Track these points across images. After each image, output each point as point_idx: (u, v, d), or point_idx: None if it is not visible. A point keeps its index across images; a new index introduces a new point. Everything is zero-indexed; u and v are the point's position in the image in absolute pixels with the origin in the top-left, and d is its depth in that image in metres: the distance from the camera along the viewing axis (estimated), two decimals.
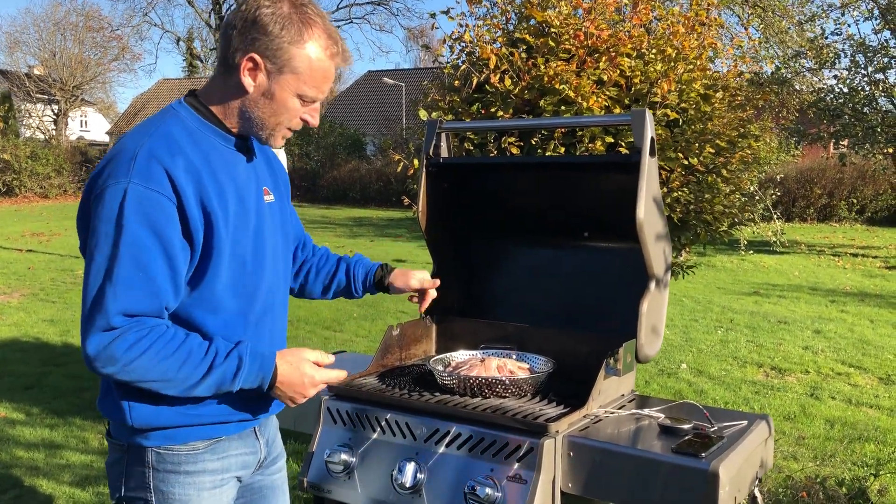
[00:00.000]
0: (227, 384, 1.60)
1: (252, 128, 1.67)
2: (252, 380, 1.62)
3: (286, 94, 1.62)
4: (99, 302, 1.51)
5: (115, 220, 1.50)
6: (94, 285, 1.52)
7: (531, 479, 1.79)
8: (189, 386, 1.57)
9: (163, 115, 1.66)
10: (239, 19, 1.60)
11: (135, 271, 1.51)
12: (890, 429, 4.87)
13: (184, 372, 1.55)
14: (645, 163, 2.08)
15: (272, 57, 1.59)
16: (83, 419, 4.94)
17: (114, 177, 1.52)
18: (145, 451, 1.66)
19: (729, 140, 3.45)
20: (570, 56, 3.42)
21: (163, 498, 1.67)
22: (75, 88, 35.05)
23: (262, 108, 1.64)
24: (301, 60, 1.60)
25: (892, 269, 12.20)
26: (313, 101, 1.67)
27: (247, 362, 1.61)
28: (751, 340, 7.25)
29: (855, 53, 13.29)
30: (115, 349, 1.50)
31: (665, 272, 2.23)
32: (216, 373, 1.58)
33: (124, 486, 1.69)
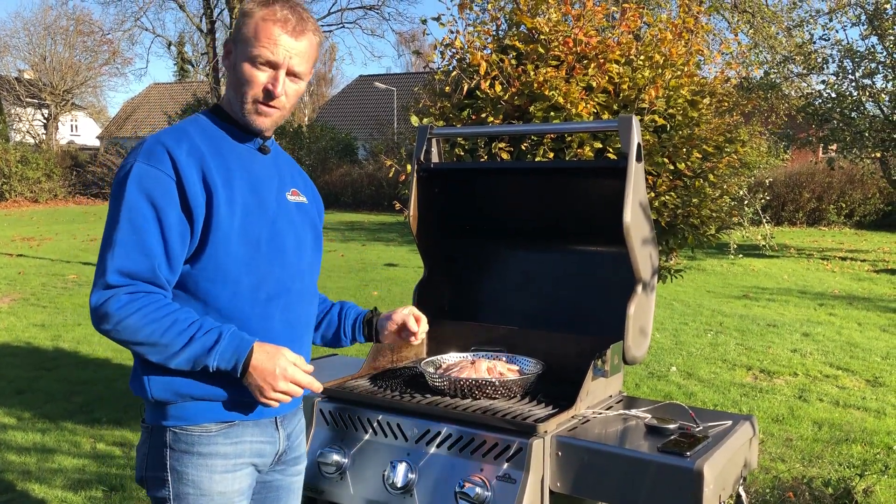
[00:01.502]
0: (202, 357, 1.67)
1: (235, 108, 1.82)
2: (227, 358, 1.68)
3: (241, 61, 1.78)
4: (101, 263, 1.68)
5: (119, 193, 1.69)
6: (101, 250, 1.69)
7: (520, 478, 1.83)
8: (170, 354, 1.67)
9: (183, 120, 1.86)
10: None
11: (130, 233, 1.67)
12: (876, 430, 4.93)
13: (167, 337, 1.66)
14: (632, 168, 2.12)
15: (234, 37, 1.81)
16: (75, 423, 4.94)
17: (126, 162, 1.73)
18: (164, 431, 1.76)
19: (716, 145, 3.50)
20: (559, 62, 3.46)
21: (177, 477, 1.76)
22: (66, 93, 34.98)
23: (232, 86, 1.81)
24: (249, 27, 1.77)
25: (880, 272, 12.31)
26: (267, 62, 1.77)
27: (225, 339, 1.68)
28: (740, 343, 7.31)
29: (843, 59, 13.42)
30: (110, 306, 1.64)
31: (652, 275, 2.27)
32: (195, 344, 1.67)
33: (147, 466, 1.80)
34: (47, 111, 34.66)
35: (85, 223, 20.03)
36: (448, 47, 3.75)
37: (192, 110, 32.00)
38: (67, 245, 15.16)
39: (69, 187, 28.96)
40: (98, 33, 35.76)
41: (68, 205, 27.41)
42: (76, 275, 11.34)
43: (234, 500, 1.79)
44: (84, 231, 17.79)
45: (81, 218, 21.71)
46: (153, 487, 1.79)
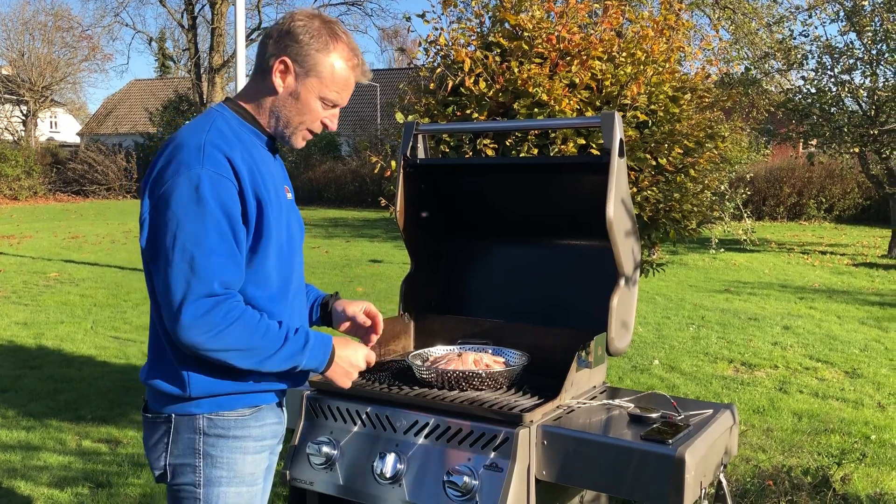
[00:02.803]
0: (296, 357, 1.78)
1: (279, 126, 1.87)
2: (318, 355, 1.82)
3: (310, 95, 1.83)
4: (196, 272, 1.66)
5: (195, 201, 1.67)
6: (183, 259, 1.67)
7: (507, 467, 1.87)
8: (266, 357, 1.74)
9: (209, 116, 1.84)
10: (275, 30, 1.84)
11: (221, 242, 1.69)
12: (854, 420, 5.02)
13: (265, 342, 1.73)
14: (614, 163, 2.17)
15: (301, 61, 1.81)
16: (60, 421, 4.93)
17: (185, 166, 1.69)
18: (195, 418, 1.79)
19: (697, 141, 3.55)
20: (543, 59, 3.50)
21: (211, 462, 1.80)
22: (45, 89, 34.61)
23: (288, 108, 1.84)
24: (325, 67, 1.82)
25: (859, 266, 12.48)
26: (333, 105, 1.87)
27: (311, 338, 1.81)
28: (722, 337, 7.40)
29: (822, 55, 13.54)
30: (215, 315, 1.67)
31: (634, 269, 2.31)
32: (289, 345, 1.76)
33: (169, 455, 1.81)
34: (26, 108, 34.27)
35: (66, 220, 19.87)
36: (432, 44, 3.78)
37: (173, 107, 31.81)
38: (48, 243, 15.04)
39: (49, 184, 28.68)
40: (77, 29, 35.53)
41: (49, 202, 27.17)
42: (58, 272, 11.26)
43: (258, 480, 1.88)
44: (65, 228, 17.65)
45: (62, 215, 21.53)
46: (179, 475, 1.81)
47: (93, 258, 12.87)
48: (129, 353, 6.64)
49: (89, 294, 9.56)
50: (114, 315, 8.32)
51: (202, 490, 1.80)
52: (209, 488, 1.80)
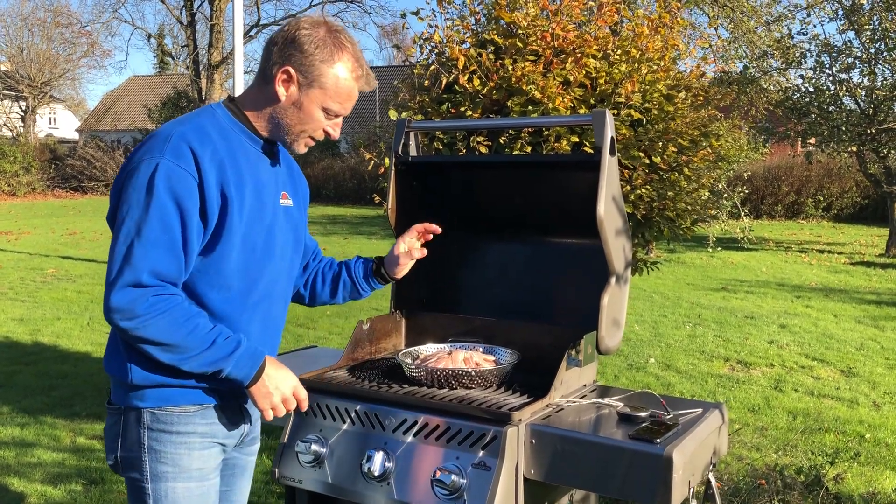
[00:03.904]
0: (219, 363, 1.74)
1: (279, 132, 1.87)
2: (243, 367, 1.77)
3: (313, 106, 1.83)
4: (129, 258, 1.67)
5: (146, 189, 1.68)
6: (123, 243, 1.68)
7: (495, 465, 1.86)
8: (188, 356, 1.72)
9: (199, 111, 1.85)
10: (280, 37, 1.82)
11: (162, 233, 1.68)
12: (849, 419, 5.02)
13: (189, 341, 1.71)
14: (605, 161, 2.16)
15: (304, 71, 1.80)
16: (54, 417, 4.93)
17: (149, 153, 1.71)
18: (141, 412, 1.80)
19: (691, 139, 3.54)
20: (537, 57, 3.49)
21: (156, 456, 1.80)
22: (43, 85, 34.55)
23: (290, 116, 1.84)
24: (329, 78, 1.81)
25: (856, 264, 12.48)
26: (336, 115, 1.87)
27: (242, 348, 1.76)
28: (718, 335, 7.40)
29: (820, 53, 13.53)
30: (138, 305, 1.66)
31: (625, 267, 2.31)
32: (214, 350, 1.73)
33: (120, 447, 1.83)
34: (25, 104, 34.22)
35: (64, 217, 19.86)
36: (427, 41, 3.77)
37: (172, 103, 31.75)
38: (46, 239, 15.03)
39: (48, 181, 28.65)
40: (76, 25, 35.43)
41: (47, 198, 27.14)
42: (55, 269, 11.25)
43: (208, 476, 1.87)
44: (63, 225, 17.64)
45: (60, 212, 21.51)
46: (128, 468, 1.83)
47: (90, 254, 12.85)
48: None
49: (86, 290, 9.55)
50: None
51: (150, 485, 1.81)
52: (157, 483, 1.81)
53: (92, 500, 3.78)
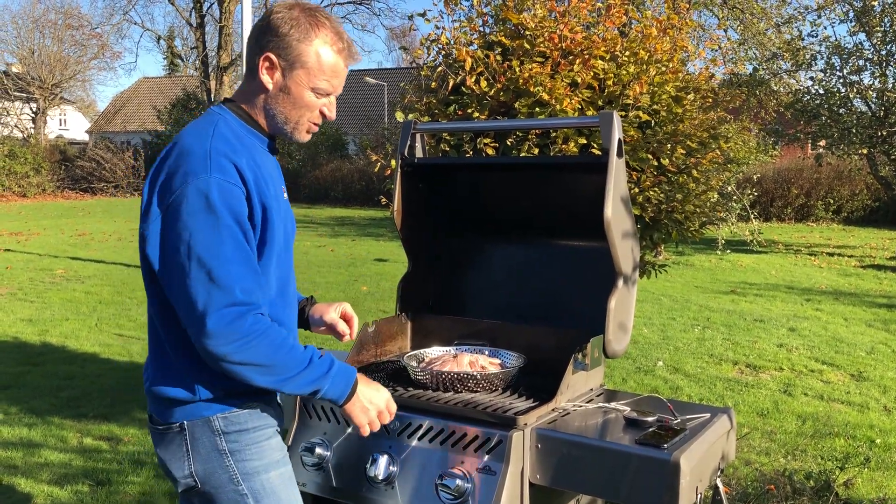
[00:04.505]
0: (319, 381, 1.72)
1: (277, 124, 1.83)
2: (339, 385, 1.75)
3: (301, 88, 1.78)
4: (215, 282, 1.61)
5: (206, 210, 1.63)
6: (201, 269, 1.62)
7: (500, 470, 1.85)
8: (288, 377, 1.69)
9: (211, 119, 1.79)
10: (257, 27, 1.80)
11: (236, 250, 1.64)
12: (859, 424, 4.98)
13: (288, 361, 1.68)
14: (612, 163, 2.14)
15: (283, 54, 1.76)
16: (62, 418, 4.94)
17: (193, 175, 1.65)
18: (210, 420, 1.76)
19: (700, 141, 3.52)
20: (544, 58, 3.48)
21: (240, 456, 1.77)
22: (54, 87, 34.76)
23: (282, 104, 1.80)
24: (309, 56, 1.76)
25: (866, 267, 12.40)
26: (327, 94, 1.82)
27: (335, 366, 1.75)
28: (727, 338, 7.36)
29: (830, 55, 13.47)
30: (239, 326, 1.61)
31: (633, 270, 2.29)
32: (312, 369, 1.71)
33: (193, 462, 1.77)
34: (35, 105, 34.42)
35: (73, 218, 19.94)
36: (434, 43, 3.76)
37: (181, 105, 31.87)
38: (56, 240, 15.09)
39: (58, 182, 28.80)
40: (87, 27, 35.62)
41: (57, 199, 27.27)
42: (64, 269, 11.30)
43: (288, 460, 1.87)
44: (72, 226, 17.71)
45: (70, 213, 21.60)
46: (210, 478, 1.77)
47: (99, 255, 12.90)
48: (133, 351, 6.65)
49: (95, 291, 9.58)
50: (118, 312, 8.34)
51: (244, 485, 1.76)
52: (250, 481, 1.77)
53: (99, 500, 3.78)
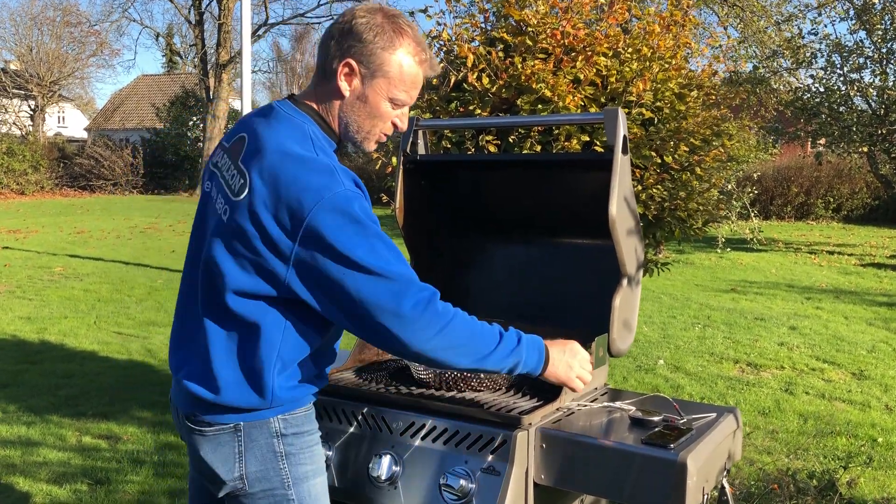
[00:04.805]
0: (515, 354, 1.75)
1: (349, 132, 1.79)
2: (535, 355, 1.79)
3: (379, 97, 1.74)
4: (397, 279, 1.60)
5: (355, 221, 1.60)
6: (380, 270, 1.59)
7: (505, 470, 1.83)
8: (486, 354, 1.70)
9: (297, 127, 1.72)
10: (336, 29, 1.75)
11: (393, 250, 1.63)
12: (861, 423, 4.96)
13: (484, 337, 1.70)
14: (617, 160, 2.12)
15: (366, 62, 1.72)
16: (60, 416, 4.91)
17: (329, 188, 1.60)
18: (269, 422, 1.72)
19: (703, 138, 3.50)
20: (547, 55, 3.45)
21: (295, 460, 1.75)
22: (52, 84, 34.67)
23: (357, 112, 1.76)
24: (392, 65, 1.73)
25: (866, 266, 12.39)
26: (403, 104, 1.79)
27: (524, 336, 1.78)
28: (727, 337, 7.34)
29: (831, 53, 13.45)
30: (435, 308, 1.63)
31: (637, 269, 2.27)
32: (505, 342, 1.73)
33: (246, 464, 1.72)
34: (34, 102, 34.34)
35: (72, 215, 19.90)
36: (435, 39, 3.73)
37: (180, 102, 31.81)
38: (54, 237, 15.06)
39: (56, 179, 28.74)
40: (85, 24, 35.52)
41: (55, 197, 27.22)
42: (63, 267, 11.27)
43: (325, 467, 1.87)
44: (71, 223, 17.68)
45: (68, 210, 21.57)
46: (260, 482, 1.73)
47: (98, 253, 12.87)
48: (132, 349, 6.63)
49: (93, 289, 9.55)
50: (117, 310, 8.31)
51: (293, 490, 1.74)
52: (299, 486, 1.74)
53: (97, 499, 3.76)
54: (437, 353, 1.65)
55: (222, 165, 1.76)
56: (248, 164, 1.66)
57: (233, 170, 1.70)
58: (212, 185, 1.78)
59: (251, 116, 1.80)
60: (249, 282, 1.65)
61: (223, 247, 1.66)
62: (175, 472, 4.06)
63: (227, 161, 1.75)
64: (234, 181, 1.68)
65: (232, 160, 1.72)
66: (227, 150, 1.78)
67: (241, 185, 1.65)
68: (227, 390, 1.69)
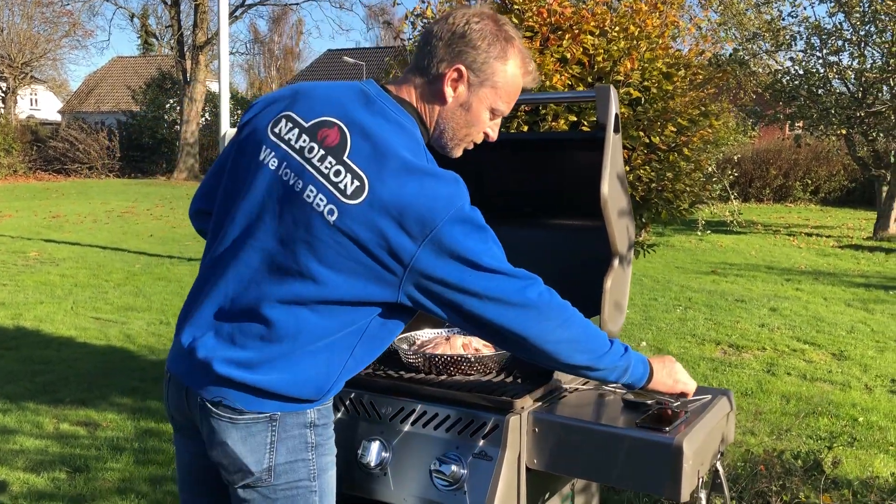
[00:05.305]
0: (624, 358, 1.73)
1: (442, 138, 1.74)
2: (638, 362, 1.77)
3: (482, 106, 1.70)
4: (515, 275, 1.60)
5: (480, 226, 1.59)
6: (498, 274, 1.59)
7: (497, 455, 1.79)
8: (602, 354, 1.69)
9: (412, 131, 1.65)
10: (447, 31, 1.66)
11: (502, 251, 1.64)
12: (842, 403, 5.00)
13: (597, 336, 1.70)
14: (609, 139, 2.08)
15: (478, 70, 1.66)
16: (37, 403, 4.83)
17: (459, 196, 1.57)
18: (307, 412, 1.66)
19: (690, 119, 3.47)
20: (533, 34, 3.40)
21: (321, 451, 1.70)
22: (24, 66, 34.01)
23: (456, 119, 1.71)
24: (502, 76, 1.68)
25: (844, 248, 12.51)
26: (501, 115, 1.75)
27: (628, 347, 1.76)
28: (709, 319, 7.38)
29: (810, 36, 13.49)
30: (554, 299, 1.64)
31: (628, 249, 2.24)
32: (616, 346, 1.71)
33: (276, 455, 1.63)
34: (5, 84, 33.69)
35: (47, 199, 19.59)
36: (419, 17, 3.66)
37: (156, 85, 31.34)
38: (28, 222, 14.81)
39: (30, 163, 28.26)
40: (57, 4, 34.79)
41: (29, 181, 26.77)
42: (38, 252, 11.08)
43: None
44: (46, 208, 17.40)
45: (43, 194, 21.22)
46: (288, 473, 1.64)
47: (74, 238, 12.68)
48: (110, 335, 6.53)
49: (70, 274, 9.41)
50: (95, 295, 8.19)
51: (317, 481, 1.67)
52: (322, 477, 1.69)
53: (76, 487, 3.70)
54: (558, 345, 1.64)
55: (302, 147, 1.61)
56: (365, 167, 1.55)
57: (334, 164, 1.56)
58: (280, 163, 1.62)
59: (339, 97, 1.67)
60: (351, 284, 1.56)
61: (325, 245, 1.55)
62: (156, 459, 4.00)
63: (312, 145, 1.60)
64: (340, 179, 1.55)
65: (328, 151, 1.58)
66: (305, 129, 1.62)
67: (357, 188, 1.53)
68: (281, 377, 1.60)
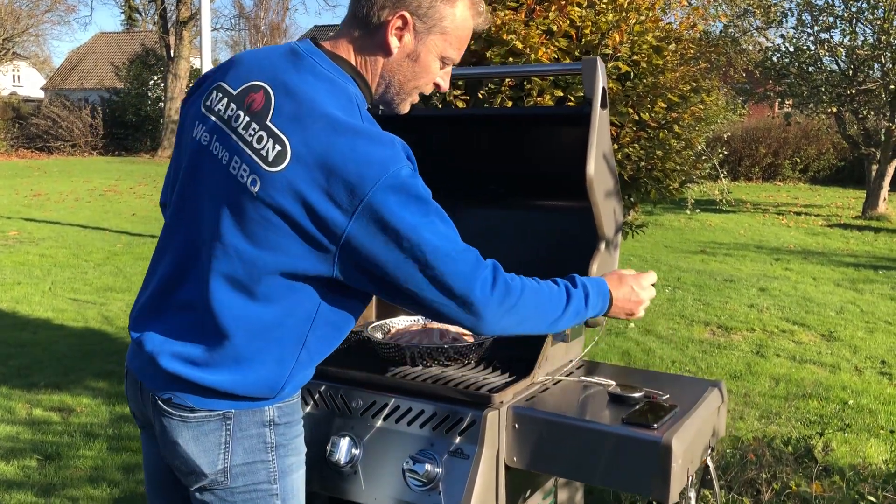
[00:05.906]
0: (581, 313, 1.64)
1: (388, 94, 1.59)
2: (597, 300, 1.67)
3: (431, 55, 1.54)
4: (462, 258, 1.46)
5: (420, 196, 1.44)
6: (446, 249, 1.44)
7: (474, 453, 1.68)
8: (557, 317, 1.59)
9: (344, 87, 1.49)
10: None
11: (450, 226, 1.49)
12: (832, 385, 4.94)
13: (551, 304, 1.59)
14: (596, 115, 1.95)
15: (423, 16, 1.50)
16: (10, 388, 4.69)
17: (394, 161, 1.42)
18: (265, 410, 1.52)
19: (681, 95, 3.34)
20: (518, 5, 3.25)
21: (284, 452, 1.56)
22: (6, 41, 33.39)
23: (403, 72, 1.55)
24: (451, 20, 1.53)
25: (833, 227, 12.46)
26: (452, 63, 1.60)
27: (588, 285, 1.66)
28: (698, 299, 7.30)
29: (801, 13, 13.35)
30: (503, 286, 1.49)
31: (615, 231, 2.12)
32: (573, 300, 1.61)
33: (232, 455, 1.50)
34: None
35: (28, 177, 19.28)
36: None
37: (140, 61, 30.88)
38: (9, 200, 14.55)
39: (12, 140, 27.83)
40: None
41: (11, 158, 26.36)
42: (17, 231, 10.88)
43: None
44: (27, 186, 17.11)
45: (25, 172, 20.89)
46: (244, 476, 1.52)
47: (55, 217, 12.46)
48: (88, 316, 6.38)
49: (49, 254, 9.22)
50: (74, 276, 8.02)
51: (278, 484, 1.54)
52: (284, 479, 1.55)
53: (47, 475, 3.58)
54: (507, 330, 1.55)
55: (230, 116, 1.48)
56: (286, 129, 1.41)
57: (258, 130, 1.43)
58: (211, 137, 1.49)
59: (269, 59, 1.52)
60: (281, 261, 1.42)
61: (250, 220, 1.41)
62: (130, 447, 3.88)
63: (238, 113, 1.47)
64: (262, 145, 1.42)
65: (252, 116, 1.45)
66: (233, 97, 1.49)
67: (279, 153, 1.39)
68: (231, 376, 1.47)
